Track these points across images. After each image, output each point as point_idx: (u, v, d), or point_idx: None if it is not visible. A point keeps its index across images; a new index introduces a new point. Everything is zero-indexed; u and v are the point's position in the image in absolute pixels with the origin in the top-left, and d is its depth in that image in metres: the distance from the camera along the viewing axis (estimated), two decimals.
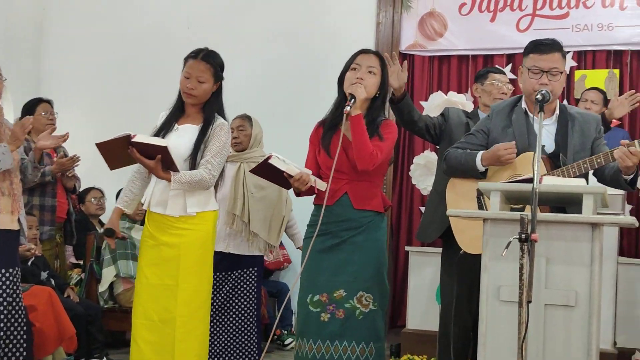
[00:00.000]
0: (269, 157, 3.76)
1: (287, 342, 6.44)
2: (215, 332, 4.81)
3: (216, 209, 4.11)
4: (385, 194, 6.56)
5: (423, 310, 5.87)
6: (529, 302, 2.78)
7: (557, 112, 3.74)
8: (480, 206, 3.76)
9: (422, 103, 6.49)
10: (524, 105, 3.77)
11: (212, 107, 4.06)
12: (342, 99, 3.82)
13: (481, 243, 3.18)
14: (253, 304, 4.85)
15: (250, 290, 4.85)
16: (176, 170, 3.86)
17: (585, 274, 3.02)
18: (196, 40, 7.20)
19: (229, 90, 7.33)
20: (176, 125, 4.03)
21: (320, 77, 6.72)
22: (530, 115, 3.74)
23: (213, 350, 4.80)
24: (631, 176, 3.48)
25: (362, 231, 3.77)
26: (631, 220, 3.10)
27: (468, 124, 4.58)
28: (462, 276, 4.07)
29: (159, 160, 3.81)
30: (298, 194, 3.85)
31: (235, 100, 6.94)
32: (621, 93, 6.30)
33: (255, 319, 4.86)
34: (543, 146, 3.65)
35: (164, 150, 3.81)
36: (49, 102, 5.78)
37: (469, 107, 5.81)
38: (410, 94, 6.84)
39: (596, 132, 3.71)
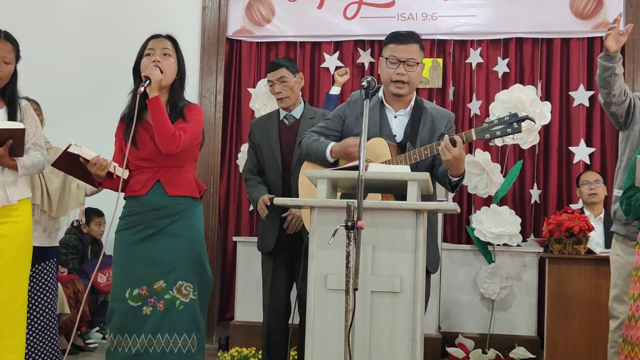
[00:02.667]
0: (68, 147, 3.61)
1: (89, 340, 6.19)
2: None
3: (29, 196, 3.96)
4: (213, 183, 6.50)
5: (252, 302, 5.79)
6: (356, 289, 2.77)
7: (412, 104, 3.80)
8: None
9: (250, 90, 6.40)
10: (380, 94, 3.82)
11: (13, 88, 3.92)
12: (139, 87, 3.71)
13: None
14: (55, 299, 4.63)
15: (52, 284, 4.62)
16: (21, 154, 3.70)
17: (409, 260, 3.04)
18: (6, 18, 6.84)
19: (46, 71, 6.97)
20: None
21: None
22: (386, 105, 3.80)
23: None
24: (456, 179, 3.55)
25: (177, 219, 3.69)
26: (453, 206, 3.15)
27: None
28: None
29: (9, 146, 3.63)
30: (100, 183, 3.72)
31: (53, 83, 6.65)
32: (445, 82, 6.49)
33: (57, 314, 4.67)
34: (394, 136, 3.74)
35: (19, 134, 3.64)
36: None
37: None
38: (237, 80, 6.76)
39: (445, 129, 3.78)
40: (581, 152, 6.23)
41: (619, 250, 4.04)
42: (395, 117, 3.78)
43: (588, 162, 6.21)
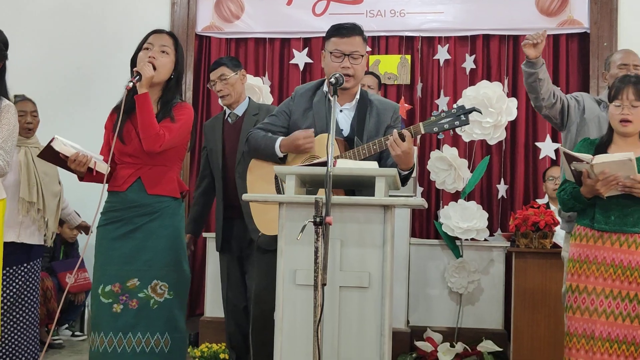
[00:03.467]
0: (52, 140, 3.56)
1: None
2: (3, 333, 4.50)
3: (3, 197, 3.86)
4: (183, 179, 6.48)
5: (221, 298, 5.79)
6: (324, 284, 2.77)
7: (358, 97, 3.77)
8: (279, 189, 3.73)
9: None
10: (325, 88, 3.77)
11: None
12: None
13: (278, 225, 3.15)
14: (38, 298, 4.59)
15: (36, 284, 4.59)
16: None
17: (377, 256, 3.05)
18: None
19: (14, 70, 6.90)
20: None
21: (113, 57, 6.48)
22: (331, 99, 3.74)
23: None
24: (405, 173, 3.49)
25: (157, 217, 3.63)
26: (420, 201, 3.18)
27: None
28: (260, 259, 4.03)
29: None
30: (81, 178, 3.67)
31: (21, 81, 6.57)
32: (413, 78, 6.53)
33: (38, 313, 4.63)
34: (341, 130, 3.70)
35: None
36: None
37: (266, 91, 5.80)
38: (206, 77, 6.74)
39: (391, 120, 3.75)
40: (547, 148, 6.30)
41: (567, 247, 4.11)
42: (341, 111, 3.74)
43: (554, 158, 6.29)
